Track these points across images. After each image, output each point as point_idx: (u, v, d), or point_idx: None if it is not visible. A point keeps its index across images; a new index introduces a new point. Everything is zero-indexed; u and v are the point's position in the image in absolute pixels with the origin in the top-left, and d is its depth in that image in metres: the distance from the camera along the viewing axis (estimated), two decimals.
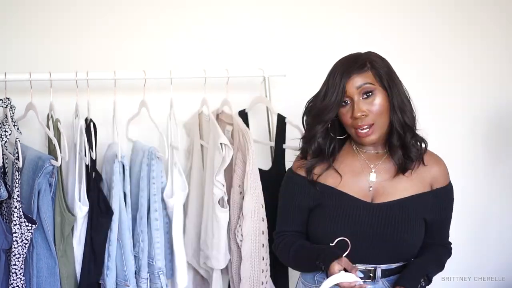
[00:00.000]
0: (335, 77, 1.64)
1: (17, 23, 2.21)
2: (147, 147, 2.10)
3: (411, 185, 1.69)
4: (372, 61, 1.65)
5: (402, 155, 1.68)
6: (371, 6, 2.57)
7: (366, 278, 1.67)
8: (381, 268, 1.67)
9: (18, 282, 1.93)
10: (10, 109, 2.00)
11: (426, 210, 1.69)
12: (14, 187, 1.91)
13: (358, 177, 1.71)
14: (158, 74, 2.13)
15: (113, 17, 2.30)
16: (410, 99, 1.69)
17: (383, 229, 1.64)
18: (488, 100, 2.74)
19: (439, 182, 1.72)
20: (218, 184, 2.05)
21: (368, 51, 1.71)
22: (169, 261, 2.17)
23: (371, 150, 1.73)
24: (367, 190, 1.69)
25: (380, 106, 1.63)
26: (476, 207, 2.78)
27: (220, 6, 2.41)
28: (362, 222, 1.66)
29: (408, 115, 1.66)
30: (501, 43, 2.73)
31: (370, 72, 1.64)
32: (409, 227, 1.66)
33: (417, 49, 2.63)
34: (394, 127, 1.66)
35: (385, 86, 1.64)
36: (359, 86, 1.62)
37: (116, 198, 2.03)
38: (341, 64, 1.67)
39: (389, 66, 1.68)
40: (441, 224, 1.76)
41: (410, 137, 1.67)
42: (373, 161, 1.72)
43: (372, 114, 1.63)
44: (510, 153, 2.80)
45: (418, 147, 1.69)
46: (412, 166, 1.68)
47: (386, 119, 1.65)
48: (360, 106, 1.62)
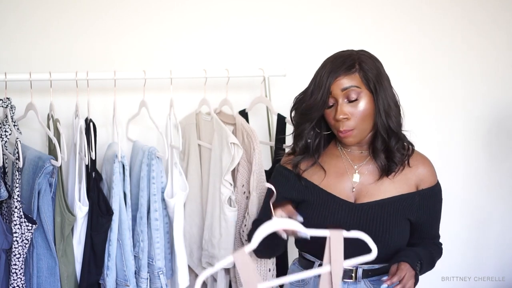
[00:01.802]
0: (322, 75, 1.63)
1: (17, 23, 2.21)
2: (147, 147, 2.10)
3: (395, 187, 1.67)
4: (362, 62, 1.63)
5: (385, 158, 1.67)
6: (371, 6, 2.57)
7: (347, 278, 1.65)
8: (362, 268, 1.65)
9: (18, 282, 1.93)
10: (10, 109, 2.00)
11: (411, 210, 1.67)
12: (14, 187, 1.91)
13: (342, 177, 1.71)
14: (158, 74, 2.13)
15: (113, 17, 2.31)
16: (398, 103, 1.68)
17: (364, 229, 1.63)
18: (488, 100, 2.74)
19: (426, 182, 1.69)
20: (227, 184, 2.06)
21: (361, 50, 1.68)
22: (169, 261, 2.18)
23: (356, 150, 1.72)
24: (350, 190, 1.69)
25: (363, 111, 1.62)
26: (476, 207, 2.78)
27: (220, 6, 2.41)
28: (344, 222, 1.65)
29: (394, 119, 1.64)
30: (501, 43, 2.73)
31: (358, 74, 1.62)
32: (391, 227, 1.64)
33: (417, 49, 2.63)
34: (379, 130, 1.65)
35: (371, 89, 1.63)
36: (344, 88, 1.61)
37: (116, 198, 2.03)
38: (330, 62, 1.65)
39: (379, 68, 1.65)
40: (430, 224, 1.73)
41: (395, 142, 1.66)
42: (357, 162, 1.71)
43: (355, 118, 1.62)
44: (510, 153, 2.80)
45: (402, 152, 1.68)
46: (396, 169, 1.67)
47: (369, 123, 1.64)
48: (343, 108, 1.61)
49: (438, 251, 1.78)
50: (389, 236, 1.64)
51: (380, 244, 1.60)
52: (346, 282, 1.65)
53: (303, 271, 1.69)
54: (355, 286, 1.66)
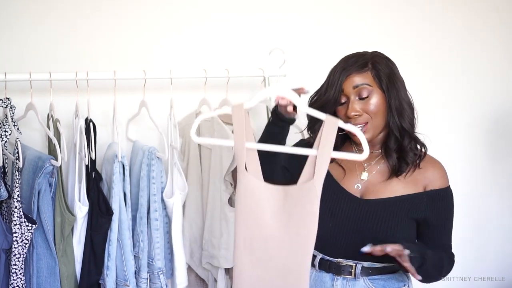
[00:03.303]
0: (335, 73, 1.66)
1: (17, 23, 2.21)
2: (147, 147, 2.11)
3: (403, 186, 1.67)
4: (375, 62, 1.65)
5: (397, 158, 1.67)
6: (371, 6, 2.57)
7: (346, 274, 1.65)
8: (362, 265, 1.65)
9: (18, 282, 1.93)
10: (10, 109, 2.00)
11: (417, 211, 1.66)
12: (14, 187, 1.91)
13: (351, 173, 1.72)
14: (158, 74, 2.13)
15: (113, 17, 2.30)
16: (412, 104, 1.68)
17: (366, 225, 1.63)
18: (488, 100, 2.74)
19: (435, 184, 1.68)
20: (227, 184, 2.05)
21: (375, 51, 1.70)
22: (169, 261, 2.18)
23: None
24: (356, 187, 1.69)
25: (375, 107, 1.63)
26: (476, 207, 2.78)
27: (221, 6, 2.41)
28: (348, 215, 1.65)
29: (406, 119, 1.64)
30: (501, 43, 2.73)
31: (370, 72, 1.64)
32: (395, 226, 1.63)
33: (417, 49, 2.62)
34: (392, 130, 1.65)
35: (383, 88, 1.64)
36: (356, 86, 1.63)
37: (116, 198, 2.03)
38: (343, 62, 1.68)
39: (392, 69, 1.67)
40: (439, 230, 1.70)
41: (408, 141, 1.66)
42: (367, 160, 1.71)
43: (367, 114, 1.63)
44: (510, 153, 2.80)
45: (416, 151, 1.68)
46: (407, 169, 1.67)
47: (381, 120, 1.65)
48: (355, 106, 1.63)
49: (449, 261, 1.71)
50: (392, 235, 1.63)
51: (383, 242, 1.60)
52: (345, 278, 1.65)
53: None
54: (353, 282, 1.66)
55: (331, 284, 1.67)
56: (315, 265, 1.69)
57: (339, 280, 1.66)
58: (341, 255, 1.65)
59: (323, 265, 1.68)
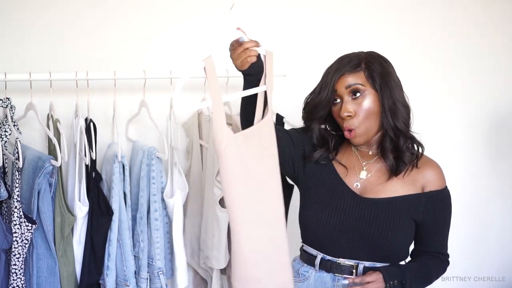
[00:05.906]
0: (329, 74, 1.66)
1: (17, 23, 2.21)
2: (147, 147, 2.11)
3: (401, 187, 1.67)
4: (368, 62, 1.64)
5: (393, 158, 1.66)
6: (371, 6, 2.57)
7: (348, 274, 1.65)
8: (363, 265, 1.65)
9: (18, 282, 1.93)
10: (10, 109, 2.00)
11: (416, 211, 1.66)
12: (14, 187, 1.91)
13: (351, 172, 1.71)
14: (158, 74, 2.13)
15: (113, 17, 2.31)
16: (407, 104, 1.67)
17: (367, 224, 1.62)
18: (488, 100, 2.74)
19: (433, 185, 1.68)
20: (219, 184, 2.05)
21: (370, 51, 1.69)
22: (169, 261, 2.18)
23: (364, 148, 1.72)
24: (356, 185, 1.69)
25: (368, 109, 1.62)
26: (476, 207, 2.78)
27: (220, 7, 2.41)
28: (348, 212, 1.65)
29: (400, 119, 1.64)
30: (501, 42, 2.73)
31: (363, 72, 1.63)
32: (394, 225, 1.63)
33: (417, 49, 2.63)
34: (386, 130, 1.65)
35: (376, 88, 1.63)
36: (349, 86, 1.62)
37: (116, 198, 2.03)
38: (337, 62, 1.67)
39: (386, 68, 1.65)
40: (435, 231, 1.70)
41: (403, 141, 1.65)
42: (365, 159, 1.72)
43: (358, 116, 1.62)
44: (510, 153, 2.80)
45: (413, 150, 1.68)
46: (404, 169, 1.67)
47: (374, 122, 1.64)
48: (348, 106, 1.62)
49: (440, 267, 1.73)
50: (390, 234, 1.63)
51: (380, 241, 1.61)
52: (346, 278, 1.65)
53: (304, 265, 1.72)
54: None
55: (332, 284, 1.67)
56: (315, 265, 1.69)
57: (341, 280, 1.65)
58: (342, 254, 1.65)
59: (324, 265, 1.68)
